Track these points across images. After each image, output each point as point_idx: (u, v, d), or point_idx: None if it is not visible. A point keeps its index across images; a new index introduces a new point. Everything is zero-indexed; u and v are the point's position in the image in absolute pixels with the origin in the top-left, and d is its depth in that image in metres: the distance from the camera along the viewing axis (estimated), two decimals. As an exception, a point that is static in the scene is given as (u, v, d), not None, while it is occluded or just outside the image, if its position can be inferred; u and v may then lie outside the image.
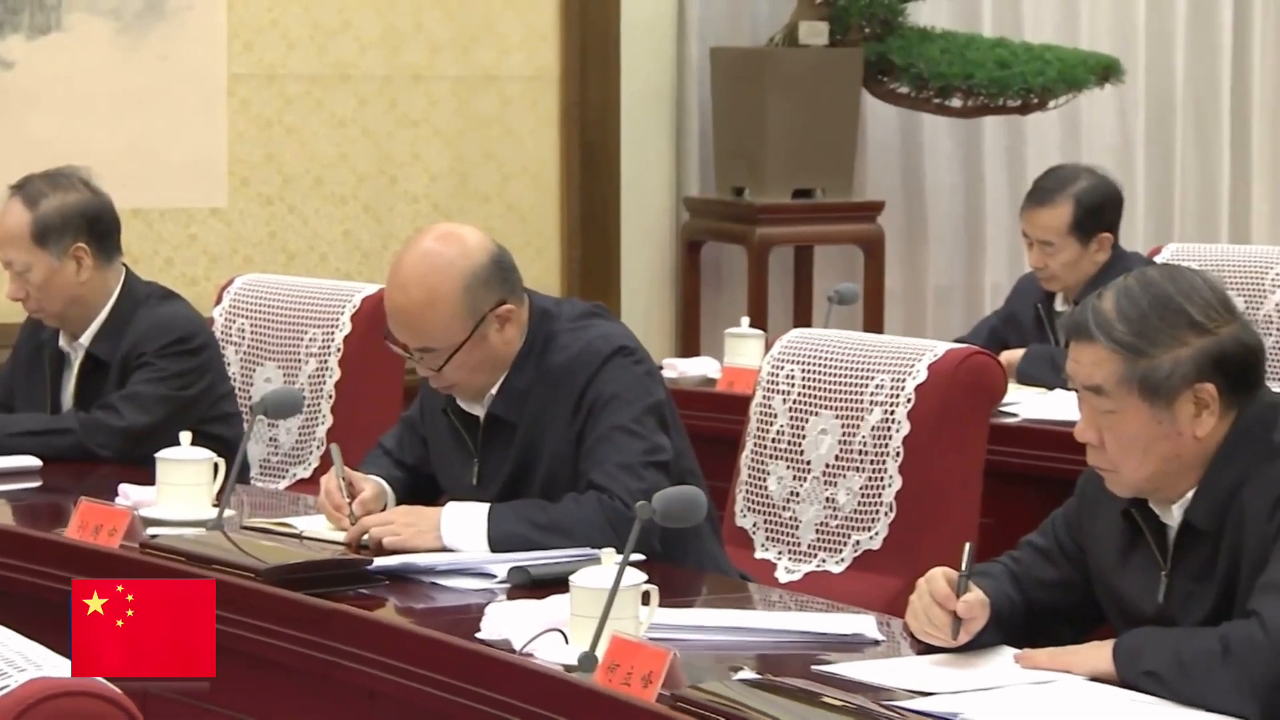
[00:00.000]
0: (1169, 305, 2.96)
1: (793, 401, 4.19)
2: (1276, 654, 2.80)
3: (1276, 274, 5.72)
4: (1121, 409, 2.96)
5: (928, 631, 3.06)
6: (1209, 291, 3.00)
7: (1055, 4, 7.67)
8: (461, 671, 3.09)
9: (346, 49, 6.88)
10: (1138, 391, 2.94)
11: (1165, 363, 2.94)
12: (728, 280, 7.42)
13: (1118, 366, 2.95)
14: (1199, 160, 7.86)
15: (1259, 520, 2.94)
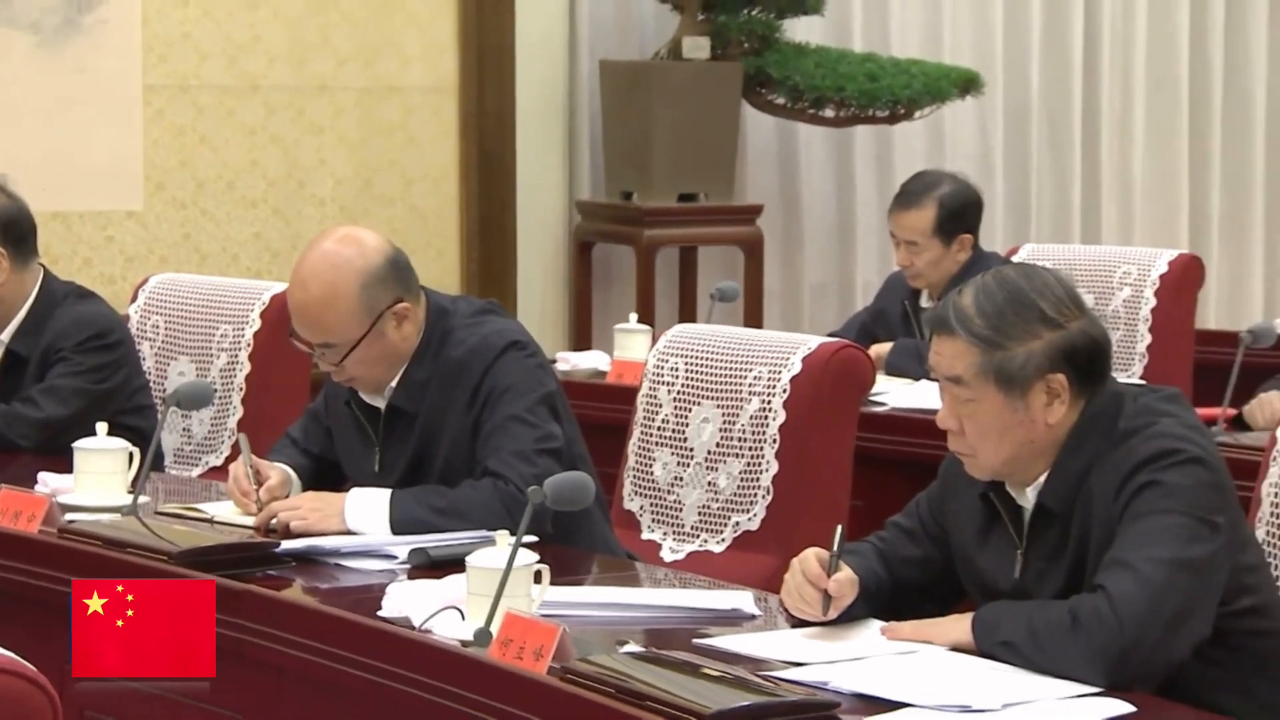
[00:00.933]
0: (1023, 301, 2.99)
1: (677, 392, 4.20)
2: (1121, 626, 2.83)
3: (1124, 272, 5.77)
4: (979, 398, 2.98)
5: (800, 608, 3.07)
6: (1060, 288, 3.03)
7: (920, 21, 7.70)
8: (364, 647, 3.07)
9: (256, 61, 6.84)
10: (994, 381, 2.96)
11: (1019, 354, 2.96)
12: (617, 279, 7.42)
13: (976, 358, 2.97)
14: (1053, 166, 7.91)
15: (1105, 502, 2.97)
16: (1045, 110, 7.86)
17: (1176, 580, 2.88)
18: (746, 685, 2.68)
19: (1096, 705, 2.71)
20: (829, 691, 2.73)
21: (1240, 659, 2.99)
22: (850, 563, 3.10)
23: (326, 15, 6.92)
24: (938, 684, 2.76)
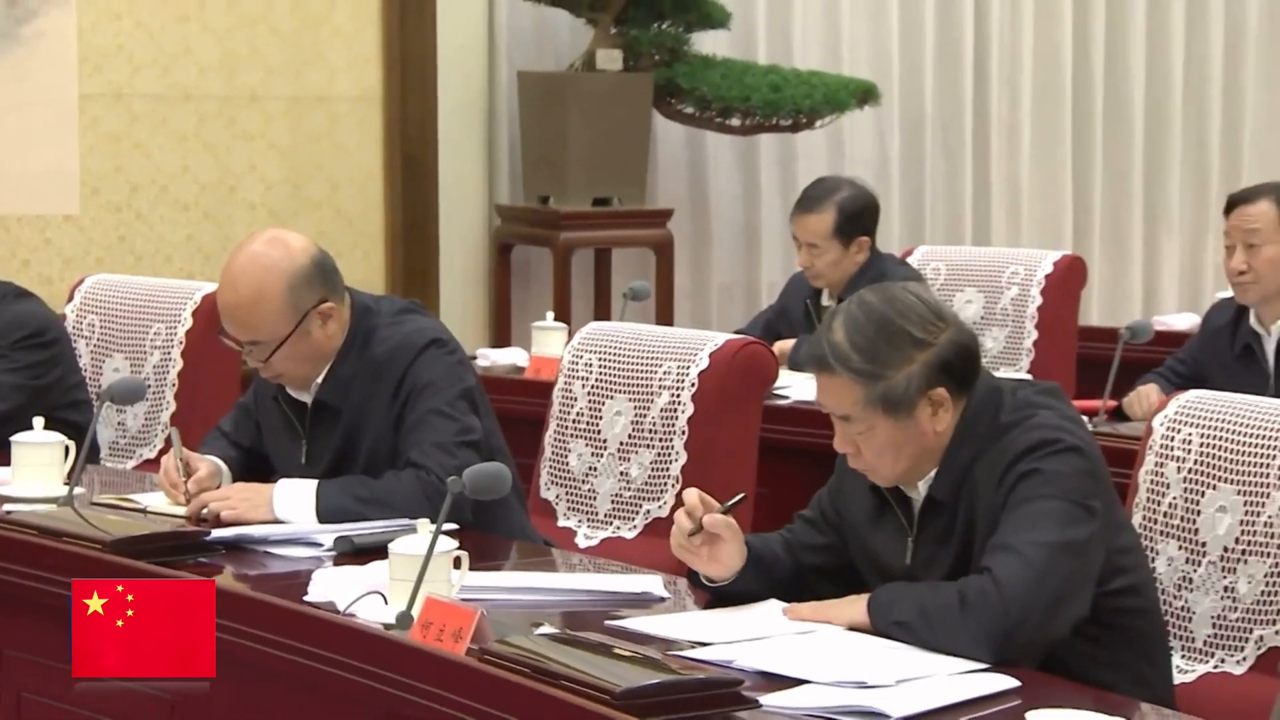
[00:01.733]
0: (892, 329, 2.99)
1: (591, 386, 4.20)
2: (1006, 605, 2.85)
3: (1012, 272, 5.81)
4: (870, 426, 2.99)
5: (679, 543, 3.08)
6: (922, 306, 3.04)
7: (820, 36, 7.72)
8: (291, 631, 3.06)
9: (188, 71, 6.80)
10: (881, 410, 2.98)
11: (900, 380, 2.98)
12: (535, 279, 7.41)
13: (860, 394, 2.98)
14: (945, 173, 7.95)
15: (989, 491, 2.99)
16: (938, 120, 7.90)
17: (1056, 562, 2.90)
18: (655, 664, 2.68)
19: (983, 680, 2.73)
20: (733, 669, 2.74)
21: (1116, 636, 3.02)
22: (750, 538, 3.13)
23: (255, 28, 6.88)
24: (836, 661, 2.77)
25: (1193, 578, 3.23)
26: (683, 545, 3.10)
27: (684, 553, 3.11)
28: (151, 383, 4.67)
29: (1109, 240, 8.12)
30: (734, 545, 3.10)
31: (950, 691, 2.68)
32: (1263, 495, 3.16)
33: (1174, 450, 3.31)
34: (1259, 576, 3.14)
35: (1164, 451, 3.32)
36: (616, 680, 2.58)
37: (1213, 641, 3.19)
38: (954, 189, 7.94)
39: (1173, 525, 3.27)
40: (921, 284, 5.15)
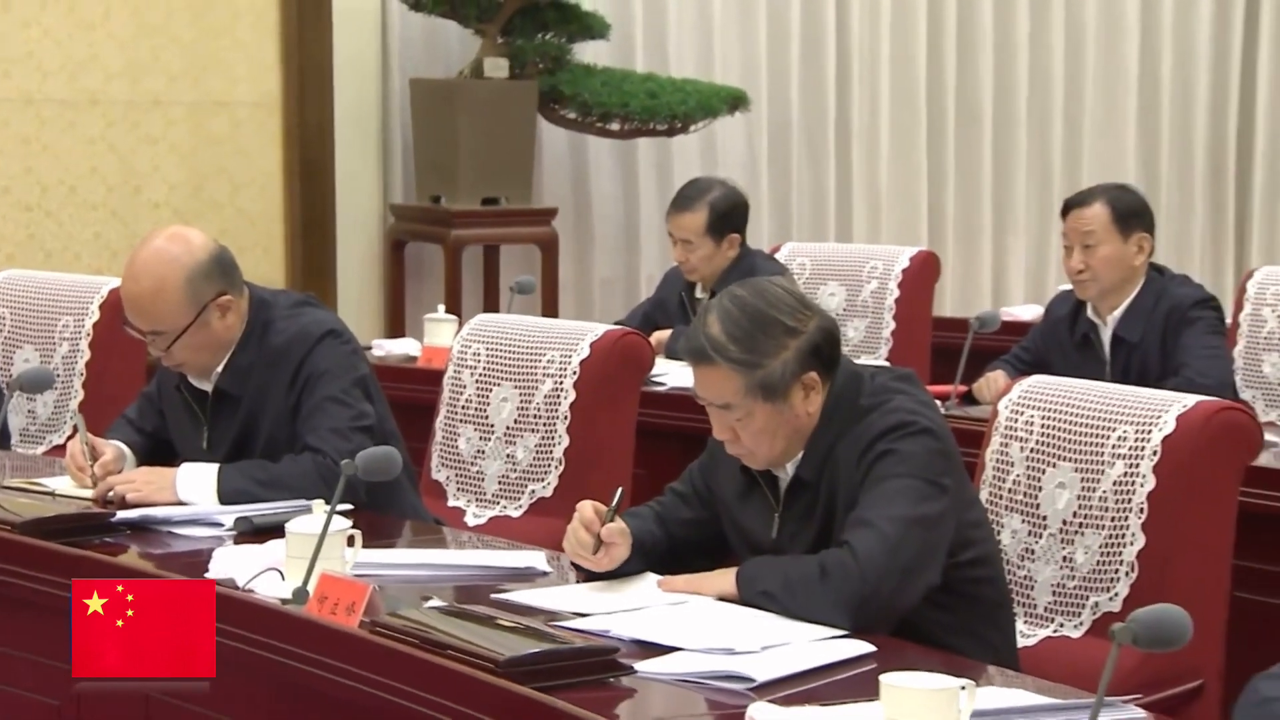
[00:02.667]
0: (766, 319, 3.00)
1: (479, 375, 4.19)
2: (863, 576, 2.88)
3: (871, 267, 5.84)
4: (749, 412, 3.00)
5: (576, 551, 3.09)
6: (790, 297, 3.05)
7: (694, 45, 7.74)
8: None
9: (94, 77, 6.71)
10: (760, 396, 2.99)
11: (776, 367, 2.99)
12: (427, 274, 7.39)
13: (739, 382, 2.98)
14: (810, 174, 8.00)
15: (849, 470, 3.02)
16: (803, 124, 7.94)
17: (909, 535, 2.93)
18: (537, 634, 2.69)
19: (842, 646, 2.76)
20: (610, 638, 2.75)
21: (965, 604, 3.06)
22: (630, 524, 3.13)
23: (159, 36, 6.80)
24: (705, 630, 2.79)
25: (1034, 549, 3.26)
26: (579, 554, 3.09)
27: (580, 559, 3.11)
28: (60, 372, 4.62)
29: (961, 237, 8.19)
30: (625, 546, 3.10)
31: (811, 656, 2.70)
32: (1098, 472, 3.20)
33: (1018, 431, 3.34)
34: (1095, 547, 3.18)
35: (1009, 432, 3.36)
36: (500, 650, 2.59)
37: (1053, 608, 3.23)
38: (818, 189, 7.98)
39: (1016, 500, 3.31)
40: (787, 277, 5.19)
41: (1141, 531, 3.13)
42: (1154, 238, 4.89)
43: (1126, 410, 3.21)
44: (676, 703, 2.56)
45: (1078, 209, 4.86)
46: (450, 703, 2.58)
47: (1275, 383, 5.02)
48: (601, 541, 3.05)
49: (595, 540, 3.05)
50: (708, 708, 2.53)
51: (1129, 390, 3.32)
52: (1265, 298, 5.10)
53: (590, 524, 3.06)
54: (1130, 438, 3.17)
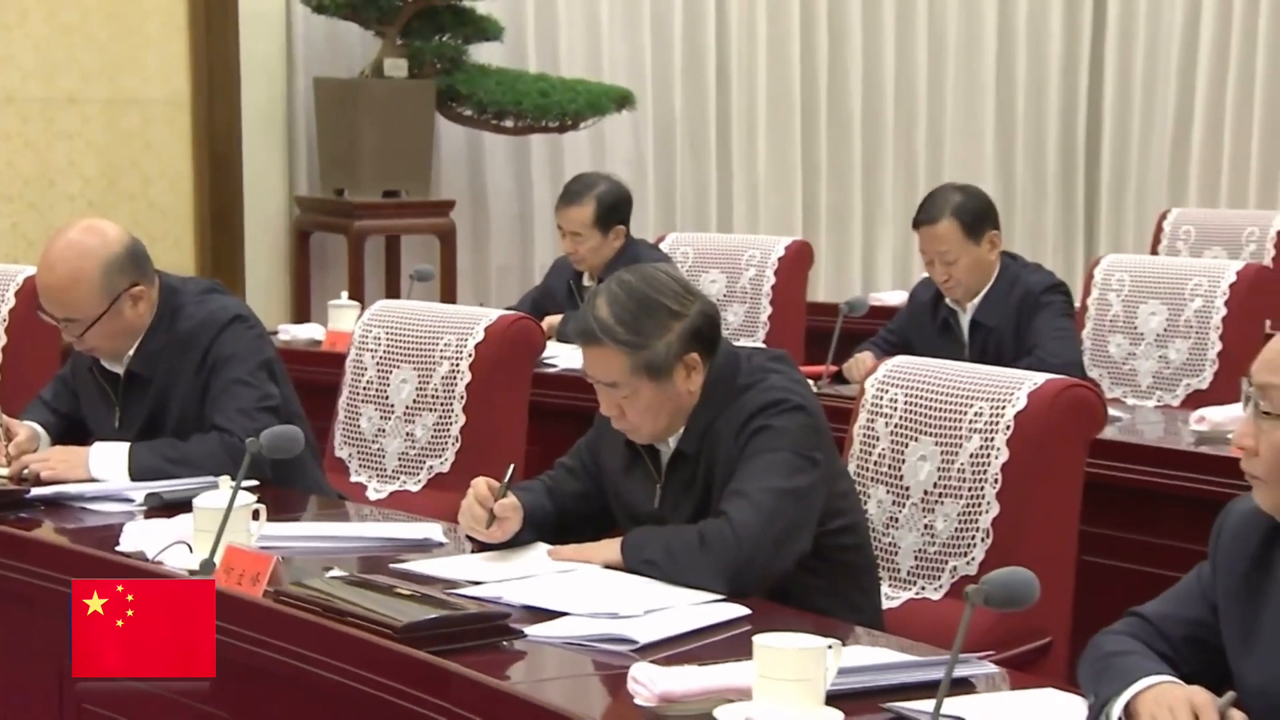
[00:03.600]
0: (651, 303, 3.00)
1: (379, 357, 4.16)
2: (739, 543, 2.89)
3: (749, 256, 5.85)
4: (635, 390, 3.00)
5: (471, 525, 3.08)
6: (673, 283, 3.06)
7: (583, 48, 7.73)
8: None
9: (10, 76, 6.61)
10: (645, 376, 2.99)
11: (660, 348, 2.99)
12: (331, 263, 7.33)
13: (626, 362, 2.98)
14: (693, 168, 8.01)
15: (727, 445, 3.03)
16: (686, 122, 7.95)
17: (782, 505, 2.94)
18: (434, 601, 2.68)
19: (719, 609, 2.77)
20: (502, 605, 2.75)
21: (834, 569, 3.07)
22: (522, 498, 3.12)
23: (73, 37, 6.70)
24: (592, 596, 2.79)
25: (898, 517, 3.29)
26: (474, 528, 3.08)
27: (474, 533, 3.09)
28: (-22, 358, 4.55)
29: (832, 228, 8.24)
30: (516, 520, 3.09)
31: (690, 619, 2.71)
32: (956, 445, 3.23)
33: (883, 408, 3.37)
34: (953, 515, 3.21)
35: (874, 409, 3.38)
36: (398, 616, 2.58)
37: (915, 572, 3.26)
38: (700, 183, 8.00)
39: (882, 472, 3.34)
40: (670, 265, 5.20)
41: (996, 500, 3.16)
42: (1000, 229, 4.94)
43: (982, 388, 3.24)
44: (564, 664, 2.56)
45: (928, 227, 4.87)
46: (350, 666, 2.57)
47: (1120, 362, 5.08)
48: (494, 516, 3.04)
49: (489, 515, 3.04)
50: (593, 669, 2.53)
51: (985, 369, 3.36)
52: (1110, 283, 5.16)
53: (484, 499, 3.05)
54: (986, 413, 3.21)
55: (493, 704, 2.42)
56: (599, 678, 2.51)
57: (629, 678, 2.36)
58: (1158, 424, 4.55)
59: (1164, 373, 4.99)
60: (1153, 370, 5.01)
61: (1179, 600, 2.37)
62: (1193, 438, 4.10)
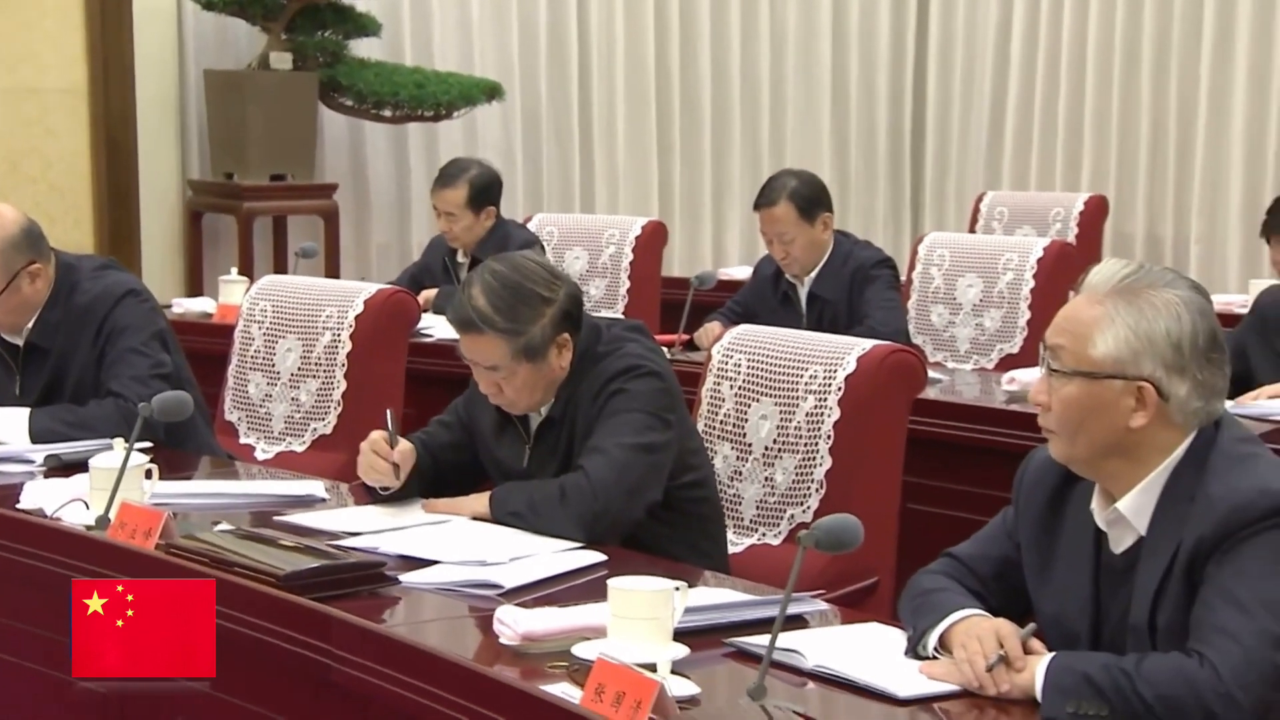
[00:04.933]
0: (524, 291, 2.99)
1: (266, 328, 4.12)
2: (595, 495, 2.90)
3: (610, 235, 5.85)
4: (513, 372, 2.99)
5: (377, 479, 3.04)
6: (541, 270, 3.05)
7: (455, 42, 7.66)
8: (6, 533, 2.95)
9: (-84, 68, 6.47)
10: (524, 358, 2.98)
11: (536, 333, 2.98)
12: (222, 241, 7.23)
13: (505, 347, 2.97)
14: (558, 154, 7.96)
15: (588, 407, 3.03)
16: (551, 112, 7.91)
17: (636, 460, 2.95)
18: (314, 552, 2.67)
19: (578, 556, 2.78)
20: (379, 554, 2.73)
21: (684, 519, 3.09)
22: None
23: (-28, 28, 6.56)
24: (462, 545, 2.78)
25: (742, 471, 3.32)
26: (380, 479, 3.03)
27: (377, 481, 3.05)
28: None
29: (685, 208, 8.25)
30: (413, 459, 3.06)
31: (552, 565, 2.71)
32: (794, 406, 3.26)
33: (728, 372, 3.38)
34: (791, 469, 3.24)
35: (721, 373, 3.40)
36: (282, 565, 2.56)
37: (757, 520, 3.28)
38: (565, 167, 7.98)
39: (727, 430, 3.36)
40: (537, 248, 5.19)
41: (829, 455, 3.19)
42: (833, 211, 4.99)
43: (817, 353, 3.27)
44: (436, 608, 2.56)
45: (767, 209, 4.92)
46: (237, 613, 2.54)
47: (941, 329, 5.15)
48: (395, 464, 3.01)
49: (392, 464, 3.01)
50: (463, 612, 2.53)
51: (819, 337, 3.39)
52: (933, 259, 5.23)
53: (384, 453, 3.02)
54: (820, 376, 3.23)
55: (370, 645, 2.40)
56: (468, 620, 2.50)
57: (494, 619, 2.36)
58: (974, 385, 4.63)
59: (980, 339, 5.07)
60: (970, 337, 5.09)
61: (987, 541, 2.41)
62: (1004, 397, 4.17)
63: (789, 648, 2.25)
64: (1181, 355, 2.19)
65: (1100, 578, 2.25)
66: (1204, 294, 2.25)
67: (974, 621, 2.23)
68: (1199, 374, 2.20)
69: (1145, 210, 7.84)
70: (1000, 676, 2.15)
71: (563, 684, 2.16)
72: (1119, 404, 2.20)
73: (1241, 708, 2.03)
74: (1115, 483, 2.24)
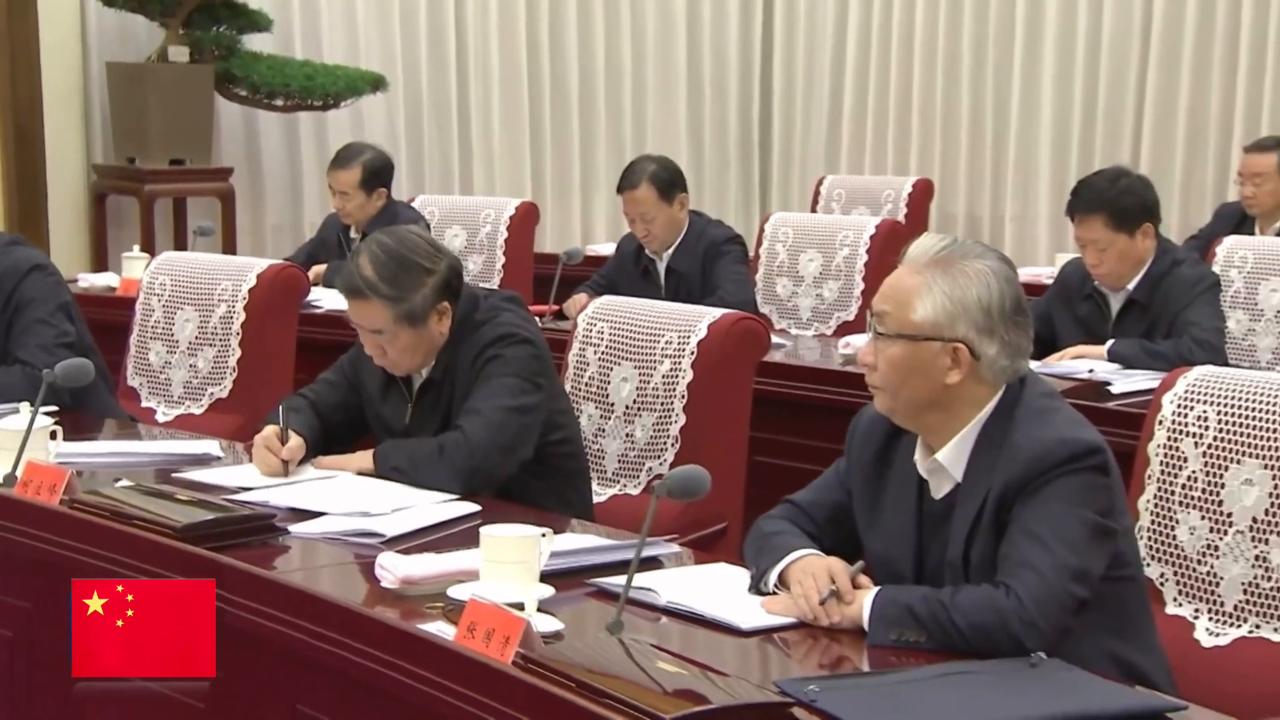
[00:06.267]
0: (407, 261, 2.97)
1: (165, 301, 4.04)
2: (471, 451, 2.89)
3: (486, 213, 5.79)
4: (395, 336, 2.96)
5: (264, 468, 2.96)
6: (423, 243, 3.03)
7: (342, 37, 7.56)
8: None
9: None
10: (406, 323, 2.95)
11: (418, 300, 2.96)
12: (125, 221, 7.06)
13: (390, 313, 2.94)
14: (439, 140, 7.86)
15: (466, 371, 3.02)
16: (432, 101, 7.84)
17: (509, 420, 2.95)
18: (209, 505, 2.63)
19: (455, 507, 2.76)
20: (269, 507, 2.69)
21: (553, 473, 3.09)
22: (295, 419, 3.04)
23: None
24: (347, 498, 2.76)
25: (605, 428, 3.32)
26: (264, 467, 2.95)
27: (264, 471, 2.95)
28: None
29: (556, 189, 8.22)
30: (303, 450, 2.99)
31: (430, 515, 2.70)
32: (652, 369, 3.26)
33: (593, 339, 3.38)
34: (649, 426, 3.25)
35: (585, 340, 3.40)
36: (179, 518, 2.53)
37: (618, 472, 3.29)
38: (445, 152, 7.91)
39: (591, 391, 3.36)
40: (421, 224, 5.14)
41: (683, 413, 3.21)
42: (688, 192, 5.01)
43: (672, 321, 3.28)
44: (322, 556, 2.53)
45: (629, 191, 4.94)
46: (137, 562, 2.49)
47: (785, 300, 5.19)
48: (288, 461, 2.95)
49: (284, 462, 2.94)
50: (348, 559, 2.50)
51: (675, 306, 3.40)
52: (778, 236, 5.26)
53: (277, 451, 2.95)
54: (675, 342, 3.25)
55: (261, 590, 2.37)
56: (352, 566, 2.48)
57: (376, 565, 2.34)
58: (814, 349, 4.67)
59: (820, 308, 5.12)
60: (811, 306, 5.13)
61: (822, 489, 2.44)
62: (841, 360, 4.22)
63: (645, 586, 2.25)
64: (991, 319, 2.23)
65: (922, 521, 2.29)
66: (1010, 264, 2.29)
67: (809, 560, 2.26)
68: (1006, 335, 2.24)
69: (966, 192, 7.96)
70: (832, 609, 2.18)
71: (438, 623, 2.15)
72: (936, 363, 2.23)
73: (1042, 632, 2.07)
74: (934, 435, 2.28)
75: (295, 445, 2.98)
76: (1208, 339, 3.92)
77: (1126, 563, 2.23)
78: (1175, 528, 2.46)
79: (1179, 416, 2.48)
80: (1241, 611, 2.38)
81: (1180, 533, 2.45)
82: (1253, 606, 2.37)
